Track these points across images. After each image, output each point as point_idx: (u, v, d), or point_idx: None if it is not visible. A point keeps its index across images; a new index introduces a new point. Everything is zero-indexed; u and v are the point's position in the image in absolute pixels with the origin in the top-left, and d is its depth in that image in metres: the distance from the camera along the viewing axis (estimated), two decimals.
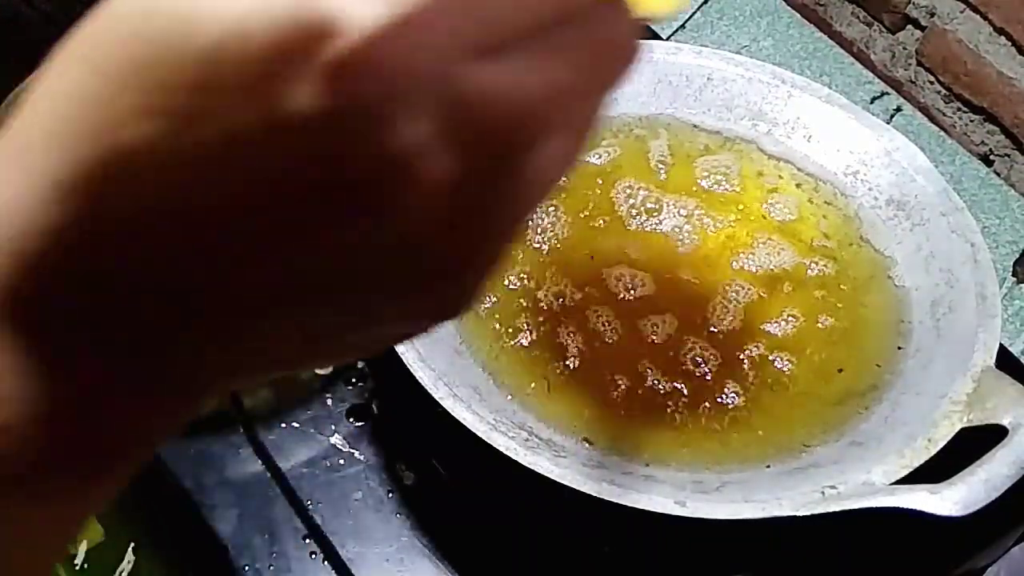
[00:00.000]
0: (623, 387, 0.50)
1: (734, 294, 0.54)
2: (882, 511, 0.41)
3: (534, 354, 0.51)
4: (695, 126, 0.61)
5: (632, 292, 0.54)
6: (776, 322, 0.53)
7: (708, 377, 0.51)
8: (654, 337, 0.52)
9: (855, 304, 0.54)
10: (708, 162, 0.60)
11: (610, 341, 0.52)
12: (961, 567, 0.53)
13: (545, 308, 0.52)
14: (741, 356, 0.52)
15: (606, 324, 0.52)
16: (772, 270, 0.56)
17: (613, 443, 0.48)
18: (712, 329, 0.53)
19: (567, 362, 0.51)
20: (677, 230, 0.57)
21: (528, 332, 0.51)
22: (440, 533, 0.51)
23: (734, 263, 0.56)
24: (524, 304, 0.53)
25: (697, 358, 0.51)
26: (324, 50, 0.18)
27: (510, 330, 0.51)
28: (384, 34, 0.18)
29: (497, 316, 0.52)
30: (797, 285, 0.55)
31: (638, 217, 0.57)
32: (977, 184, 0.73)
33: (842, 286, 0.55)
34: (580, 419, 0.49)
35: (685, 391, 0.50)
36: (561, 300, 0.53)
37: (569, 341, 0.51)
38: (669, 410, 0.50)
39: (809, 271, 0.56)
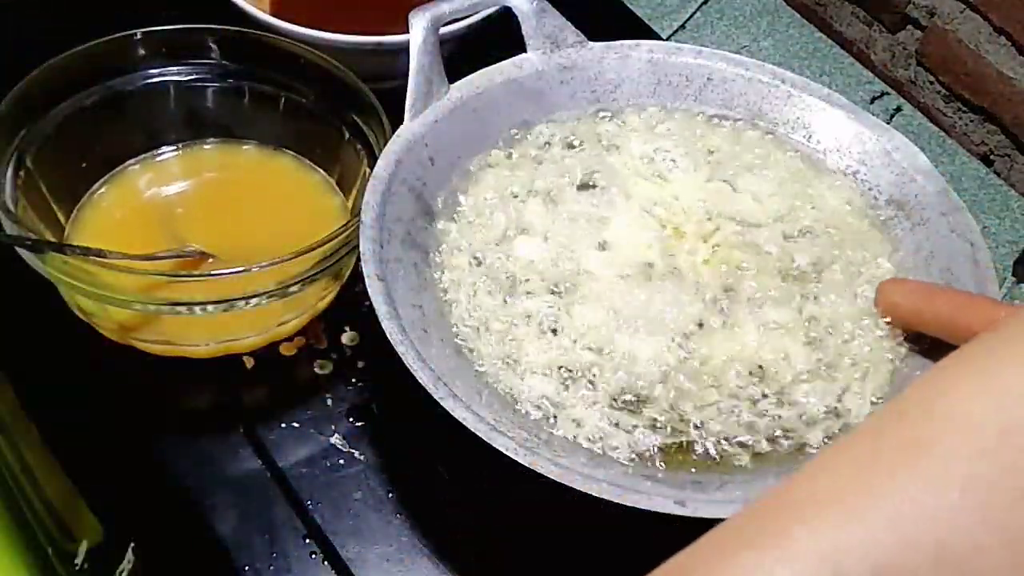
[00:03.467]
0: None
1: None
2: None
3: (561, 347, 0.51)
4: None
5: None
6: None
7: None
8: None
9: (854, 305, 0.54)
10: None
11: None
12: None
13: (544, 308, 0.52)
14: None
15: None
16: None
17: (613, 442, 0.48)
18: None
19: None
20: None
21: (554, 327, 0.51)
22: (440, 533, 0.51)
23: None
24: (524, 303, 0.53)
25: None
26: None
27: (529, 326, 0.51)
28: None
29: (498, 316, 0.52)
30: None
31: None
32: (977, 184, 0.73)
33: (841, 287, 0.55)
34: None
35: None
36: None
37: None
38: None
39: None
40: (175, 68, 0.61)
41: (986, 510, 0.22)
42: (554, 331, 0.51)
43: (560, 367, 0.49)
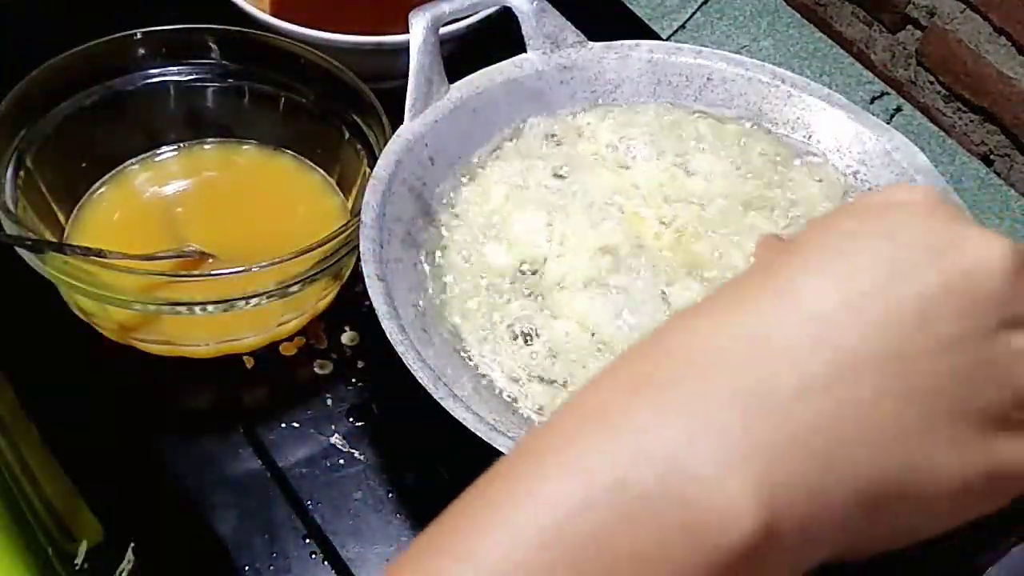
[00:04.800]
0: None
1: None
2: None
3: (535, 353, 0.51)
4: None
5: None
6: None
7: None
8: None
9: None
10: None
11: None
12: (961, 567, 0.53)
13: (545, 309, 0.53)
14: None
15: None
16: None
17: None
18: None
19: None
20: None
21: (529, 332, 0.51)
22: None
23: None
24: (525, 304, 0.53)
25: None
26: None
27: (511, 330, 0.51)
28: None
29: (499, 316, 0.52)
30: None
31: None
32: (977, 184, 0.73)
33: None
34: None
35: None
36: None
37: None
38: None
39: None
40: (175, 68, 0.61)
41: (719, 433, 0.25)
42: (527, 337, 0.51)
43: (535, 374, 0.49)
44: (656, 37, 0.77)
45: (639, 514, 0.24)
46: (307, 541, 0.51)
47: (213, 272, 0.51)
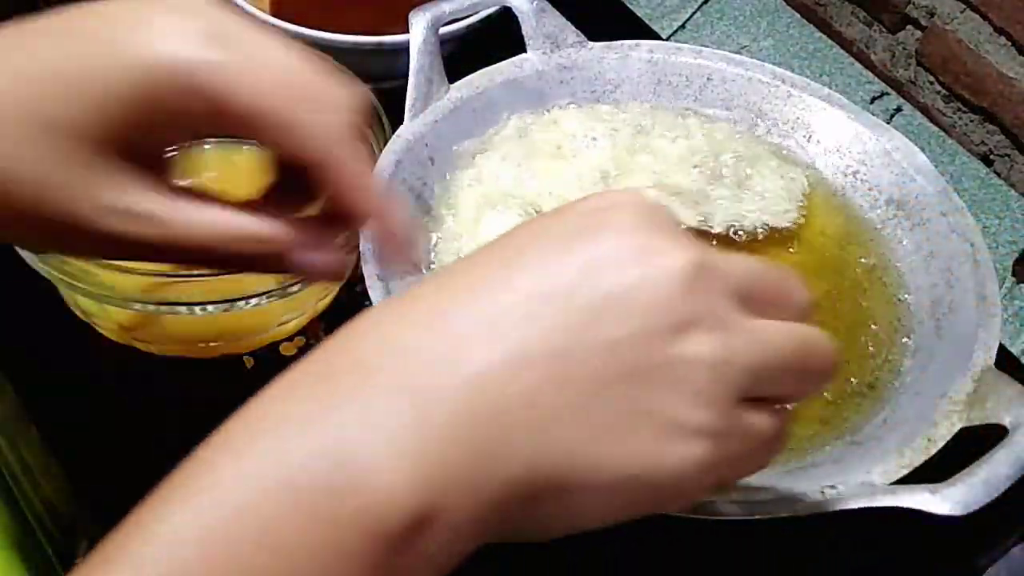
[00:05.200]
0: None
1: None
2: (882, 511, 0.41)
3: None
4: None
5: None
6: None
7: None
8: None
9: (854, 304, 0.54)
10: None
11: None
12: (961, 567, 0.53)
13: None
14: None
15: None
16: None
17: None
18: None
19: None
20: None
21: None
22: None
23: None
24: None
25: None
26: None
27: None
28: None
29: None
30: None
31: None
32: (977, 184, 0.73)
33: (841, 285, 0.55)
34: None
35: None
36: None
37: None
38: None
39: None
40: None
41: (386, 425, 0.27)
42: None
43: None
44: (656, 37, 0.77)
45: (309, 504, 0.25)
46: None
47: (213, 272, 0.51)
